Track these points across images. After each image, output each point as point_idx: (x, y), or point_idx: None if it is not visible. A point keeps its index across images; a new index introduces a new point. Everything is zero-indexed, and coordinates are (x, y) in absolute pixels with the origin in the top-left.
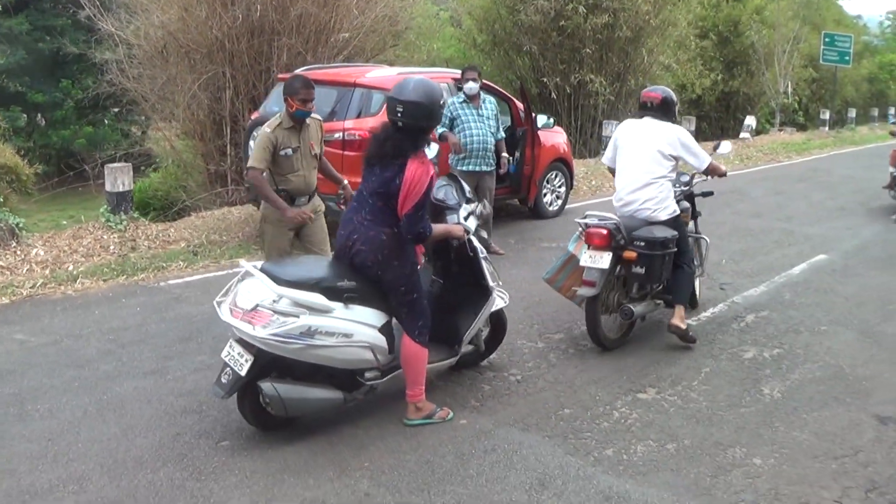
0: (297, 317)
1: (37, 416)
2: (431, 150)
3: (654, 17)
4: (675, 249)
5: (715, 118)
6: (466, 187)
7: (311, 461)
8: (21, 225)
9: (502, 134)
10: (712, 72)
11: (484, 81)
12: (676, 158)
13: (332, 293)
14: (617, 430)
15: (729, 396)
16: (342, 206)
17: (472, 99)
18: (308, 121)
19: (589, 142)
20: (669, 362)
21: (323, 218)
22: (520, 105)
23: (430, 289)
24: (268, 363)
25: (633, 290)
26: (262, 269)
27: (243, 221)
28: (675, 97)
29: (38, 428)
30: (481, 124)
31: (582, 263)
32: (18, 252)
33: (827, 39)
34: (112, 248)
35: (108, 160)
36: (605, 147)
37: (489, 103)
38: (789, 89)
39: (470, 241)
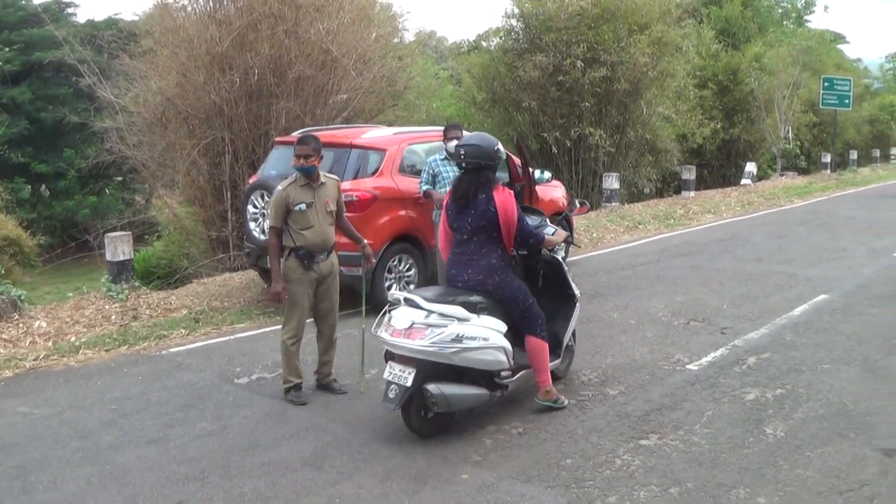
0: (447, 326)
1: (41, 487)
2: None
3: (652, 68)
4: None
5: (716, 166)
6: (539, 212)
7: None
8: (23, 297)
9: None
10: (712, 120)
11: None
12: None
13: (468, 306)
14: (619, 478)
15: (731, 438)
16: (368, 265)
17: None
18: (324, 179)
19: (590, 195)
20: (671, 408)
21: (338, 280)
22: (517, 160)
23: None
24: (425, 373)
25: None
26: (407, 298)
27: (245, 287)
28: None
29: (42, 500)
30: None
31: None
32: (21, 324)
33: (826, 83)
34: (114, 317)
35: (111, 230)
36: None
37: None
38: (790, 134)
39: (556, 252)
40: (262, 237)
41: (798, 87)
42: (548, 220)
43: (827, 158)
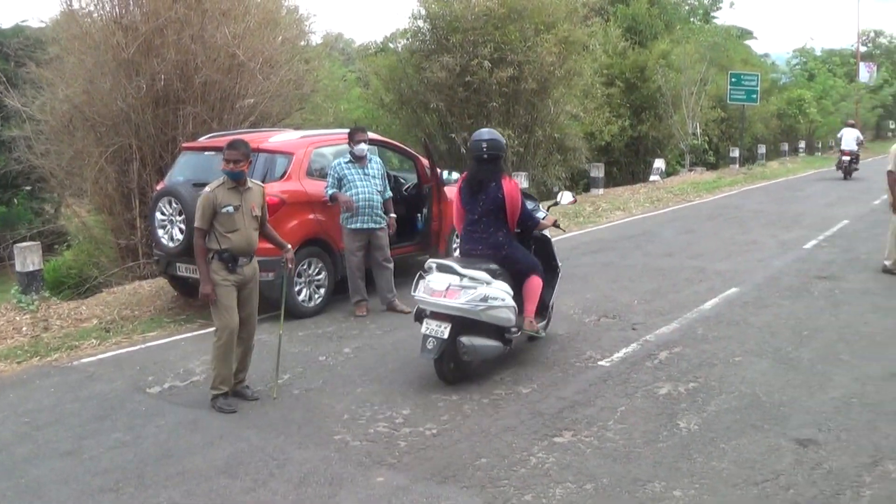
0: (476, 288)
1: None
2: (566, 197)
3: (559, 67)
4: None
5: (625, 163)
6: (533, 198)
7: None
8: None
9: (389, 193)
10: (620, 118)
11: (387, 140)
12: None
13: (489, 272)
14: (535, 476)
15: (645, 433)
16: (287, 268)
17: (359, 160)
18: (250, 184)
19: None
20: (584, 404)
21: (258, 287)
22: (425, 161)
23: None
24: (458, 328)
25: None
26: (440, 265)
27: (154, 295)
28: (854, 121)
29: None
30: (367, 183)
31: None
32: None
33: (733, 79)
34: (24, 329)
35: (20, 240)
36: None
37: (375, 163)
38: (698, 130)
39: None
40: (171, 244)
41: (705, 83)
42: (540, 205)
43: (735, 153)
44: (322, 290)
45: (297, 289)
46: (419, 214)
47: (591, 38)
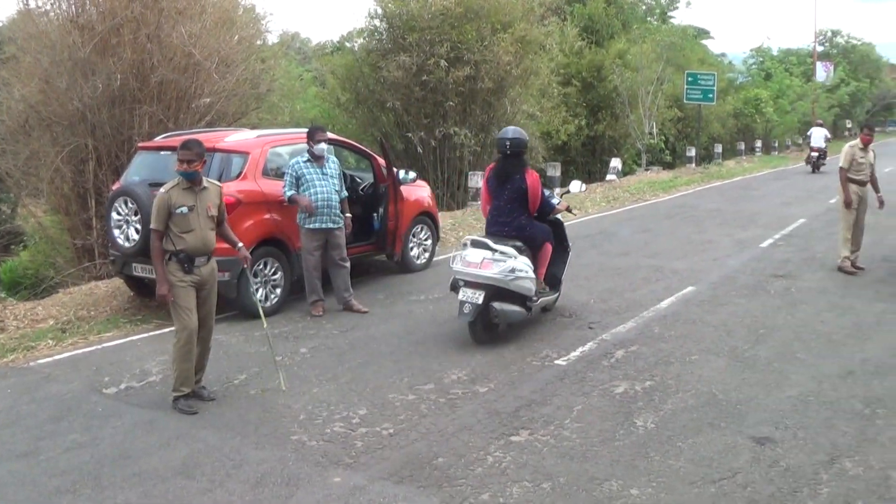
0: (506, 261)
1: None
2: (577, 186)
3: (516, 66)
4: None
5: (581, 162)
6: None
7: None
8: None
9: (345, 192)
10: (577, 117)
11: (344, 139)
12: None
13: (515, 248)
14: (492, 475)
15: (602, 431)
16: (245, 264)
17: (317, 159)
18: (206, 184)
19: (456, 193)
20: (541, 403)
21: (216, 288)
22: (381, 161)
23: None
24: (490, 295)
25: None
26: (475, 241)
27: (111, 295)
28: (822, 121)
29: None
30: (325, 182)
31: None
32: None
33: (690, 79)
34: None
35: None
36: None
37: (332, 163)
38: (654, 129)
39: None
40: (127, 244)
41: (662, 82)
42: (556, 192)
43: (692, 152)
44: (278, 290)
45: (253, 289)
46: (375, 214)
47: (548, 37)
